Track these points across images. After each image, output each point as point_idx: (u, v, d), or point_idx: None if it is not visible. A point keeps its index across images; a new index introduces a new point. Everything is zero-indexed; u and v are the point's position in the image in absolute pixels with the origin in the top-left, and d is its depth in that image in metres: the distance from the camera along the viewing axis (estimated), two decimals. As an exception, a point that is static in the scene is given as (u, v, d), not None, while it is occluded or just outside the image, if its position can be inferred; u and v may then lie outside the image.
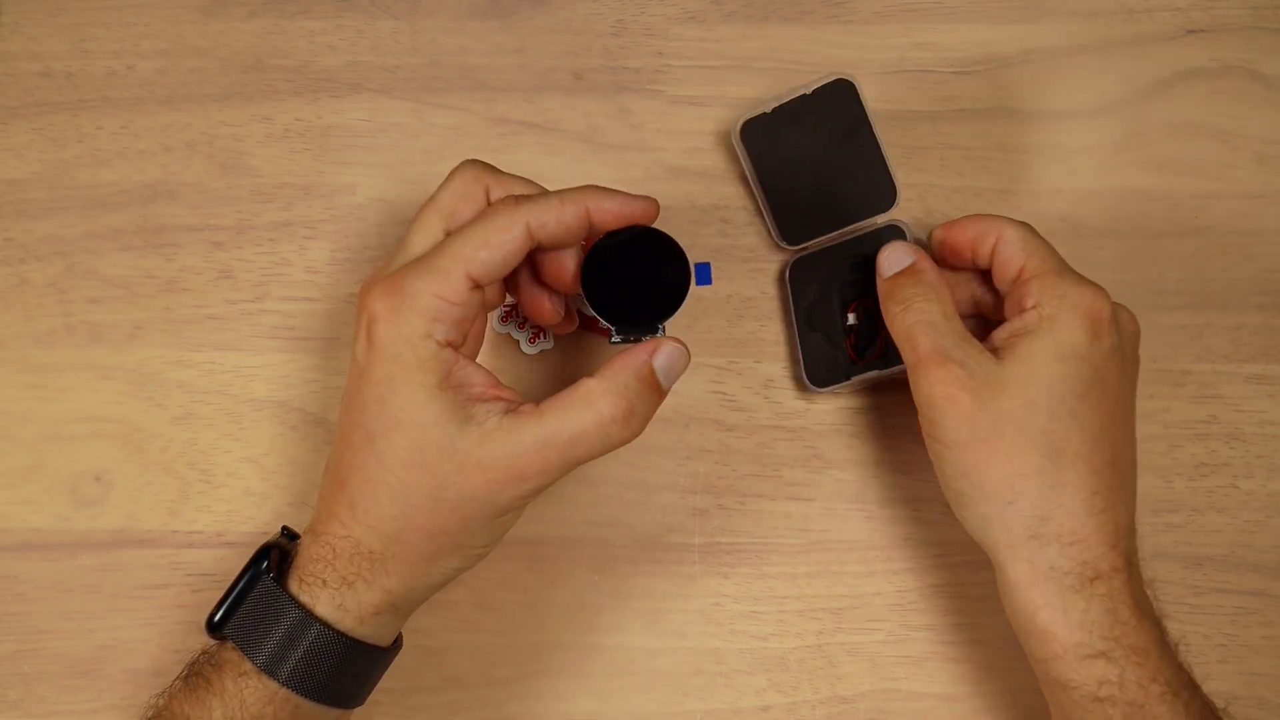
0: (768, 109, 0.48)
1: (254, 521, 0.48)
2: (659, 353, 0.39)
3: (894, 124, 0.51)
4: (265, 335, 0.50)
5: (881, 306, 0.43)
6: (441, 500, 0.37)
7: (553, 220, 0.38)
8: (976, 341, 0.40)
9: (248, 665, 0.38)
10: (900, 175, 0.49)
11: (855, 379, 0.47)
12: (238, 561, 0.40)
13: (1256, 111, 0.51)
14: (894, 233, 0.48)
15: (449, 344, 0.37)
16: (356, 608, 0.38)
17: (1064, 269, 0.41)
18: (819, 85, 0.48)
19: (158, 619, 0.48)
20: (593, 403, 0.37)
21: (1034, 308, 0.40)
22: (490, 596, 0.48)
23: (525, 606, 0.48)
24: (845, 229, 0.48)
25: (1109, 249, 0.50)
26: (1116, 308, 0.41)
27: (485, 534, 0.39)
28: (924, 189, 0.51)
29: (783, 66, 0.52)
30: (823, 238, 0.49)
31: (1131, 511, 0.40)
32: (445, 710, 0.47)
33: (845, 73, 0.48)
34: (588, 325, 0.49)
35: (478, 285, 0.38)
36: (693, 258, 0.40)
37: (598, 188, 0.39)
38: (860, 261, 0.48)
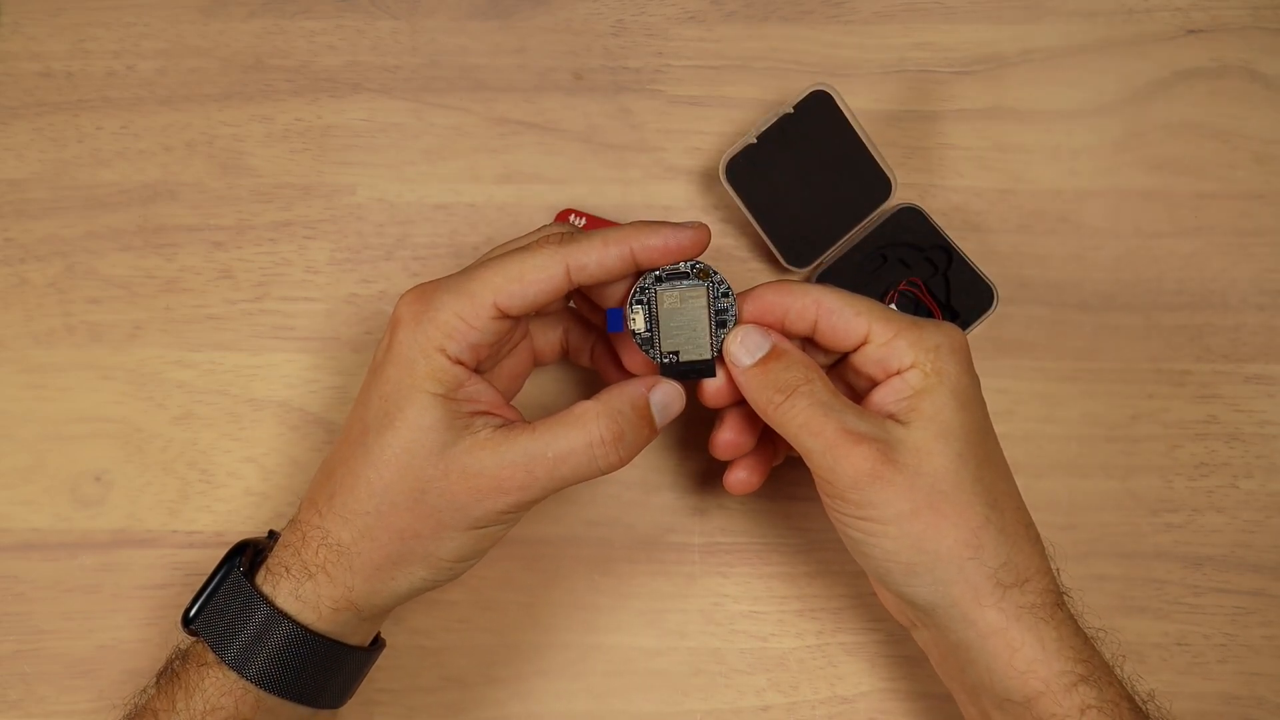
0: (751, 139, 0.48)
1: (254, 521, 0.48)
2: (657, 388, 0.40)
3: (894, 124, 0.51)
4: (265, 335, 0.50)
5: (751, 398, 0.39)
6: (420, 503, 0.37)
7: (594, 263, 0.38)
8: (868, 410, 0.39)
9: (210, 657, 0.38)
10: (899, 174, 0.49)
11: None
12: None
13: (1256, 111, 0.51)
14: (911, 215, 0.48)
15: (460, 362, 0.38)
16: (315, 600, 0.38)
17: (912, 320, 0.39)
18: (799, 100, 0.48)
19: (158, 619, 0.48)
20: (585, 424, 0.38)
21: (913, 367, 0.38)
22: (490, 596, 0.48)
23: (525, 606, 0.48)
24: (853, 230, 0.48)
25: (1109, 249, 0.50)
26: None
27: (456, 545, 0.38)
28: (924, 189, 0.51)
29: (783, 66, 0.52)
30: (832, 249, 0.49)
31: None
32: (445, 710, 0.47)
33: (822, 81, 0.48)
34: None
35: (504, 315, 0.38)
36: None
37: (643, 225, 0.39)
38: (882, 249, 0.48)
